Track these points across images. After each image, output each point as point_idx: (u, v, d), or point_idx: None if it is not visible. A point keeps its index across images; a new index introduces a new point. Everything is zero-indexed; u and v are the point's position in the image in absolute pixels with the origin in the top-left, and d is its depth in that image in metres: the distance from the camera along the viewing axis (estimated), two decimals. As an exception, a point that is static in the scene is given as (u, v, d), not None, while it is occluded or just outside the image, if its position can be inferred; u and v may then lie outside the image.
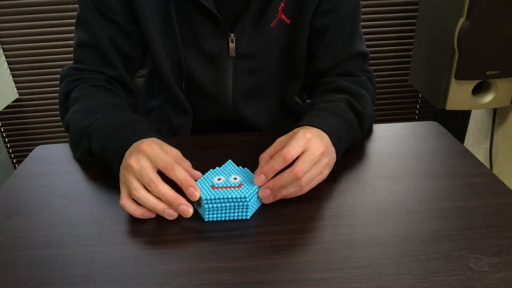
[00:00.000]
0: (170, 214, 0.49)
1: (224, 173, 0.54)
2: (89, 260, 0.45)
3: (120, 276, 0.43)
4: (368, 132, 0.71)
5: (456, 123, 1.80)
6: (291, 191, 0.51)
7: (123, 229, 0.50)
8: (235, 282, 0.42)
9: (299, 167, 0.50)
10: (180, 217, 0.50)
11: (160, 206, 0.49)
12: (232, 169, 0.55)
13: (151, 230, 0.50)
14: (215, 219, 0.51)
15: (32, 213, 0.54)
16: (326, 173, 0.54)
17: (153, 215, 0.51)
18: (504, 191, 0.55)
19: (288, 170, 0.50)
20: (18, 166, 0.72)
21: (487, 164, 1.59)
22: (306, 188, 0.52)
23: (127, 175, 0.50)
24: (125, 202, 0.50)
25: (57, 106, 0.71)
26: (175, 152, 0.54)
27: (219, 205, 0.50)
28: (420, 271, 0.42)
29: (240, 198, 0.49)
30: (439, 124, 0.73)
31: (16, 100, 1.75)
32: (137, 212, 0.50)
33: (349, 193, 0.55)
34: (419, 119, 1.97)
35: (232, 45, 0.71)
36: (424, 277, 0.41)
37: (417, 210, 0.52)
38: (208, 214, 0.50)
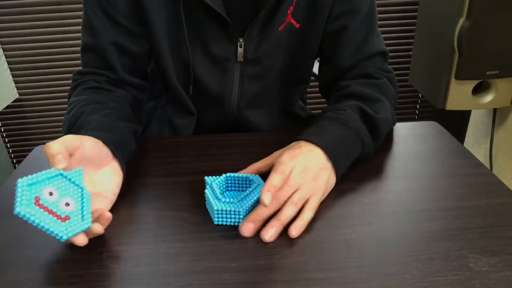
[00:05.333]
0: None
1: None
2: (89, 260, 0.45)
3: (120, 276, 0.43)
4: (387, 137, 0.68)
5: (456, 123, 1.80)
6: (289, 214, 0.49)
7: (123, 229, 0.50)
8: (235, 282, 0.42)
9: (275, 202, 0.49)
10: (179, 218, 0.50)
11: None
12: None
13: (151, 230, 0.50)
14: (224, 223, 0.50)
15: (32, 213, 0.53)
16: (318, 195, 0.52)
17: None
18: (504, 191, 0.55)
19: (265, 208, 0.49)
20: (18, 166, 0.72)
21: (487, 164, 1.59)
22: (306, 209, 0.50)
23: None
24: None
25: (57, 106, 0.71)
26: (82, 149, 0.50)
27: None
28: (420, 271, 0.42)
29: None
30: (439, 124, 0.73)
31: (16, 100, 1.75)
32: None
33: (349, 193, 0.55)
34: (419, 119, 1.97)
35: (240, 50, 0.71)
36: (424, 277, 0.41)
37: (417, 210, 0.52)
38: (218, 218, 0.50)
